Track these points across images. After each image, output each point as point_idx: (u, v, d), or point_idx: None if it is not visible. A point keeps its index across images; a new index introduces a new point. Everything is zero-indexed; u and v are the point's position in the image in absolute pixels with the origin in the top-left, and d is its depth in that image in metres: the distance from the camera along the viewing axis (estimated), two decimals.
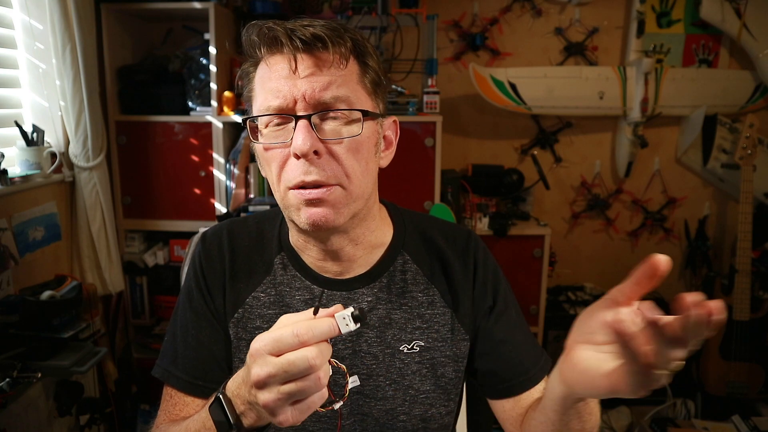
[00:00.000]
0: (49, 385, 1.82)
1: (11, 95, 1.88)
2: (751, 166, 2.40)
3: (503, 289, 0.92)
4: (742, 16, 2.51)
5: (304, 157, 0.74)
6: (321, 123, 0.76)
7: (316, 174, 0.74)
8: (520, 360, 0.89)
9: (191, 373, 0.88)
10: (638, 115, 2.56)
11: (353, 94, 0.77)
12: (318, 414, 0.87)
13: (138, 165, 2.24)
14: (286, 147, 0.76)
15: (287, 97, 0.75)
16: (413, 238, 0.92)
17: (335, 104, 0.75)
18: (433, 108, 2.29)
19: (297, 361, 0.58)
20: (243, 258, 0.91)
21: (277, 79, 0.76)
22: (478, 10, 2.64)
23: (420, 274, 0.90)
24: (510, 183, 2.62)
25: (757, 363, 2.35)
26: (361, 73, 0.79)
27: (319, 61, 0.75)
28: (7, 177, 1.70)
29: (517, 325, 0.92)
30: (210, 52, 2.16)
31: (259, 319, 0.88)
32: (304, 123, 0.74)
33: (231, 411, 0.67)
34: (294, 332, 0.59)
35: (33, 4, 1.83)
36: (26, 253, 1.78)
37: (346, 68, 0.77)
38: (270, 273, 0.90)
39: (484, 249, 0.94)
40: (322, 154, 0.75)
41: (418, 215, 0.98)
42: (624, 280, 0.55)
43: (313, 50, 0.75)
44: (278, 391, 0.59)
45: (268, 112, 0.76)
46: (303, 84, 0.74)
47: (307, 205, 0.76)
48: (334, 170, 0.76)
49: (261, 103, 0.78)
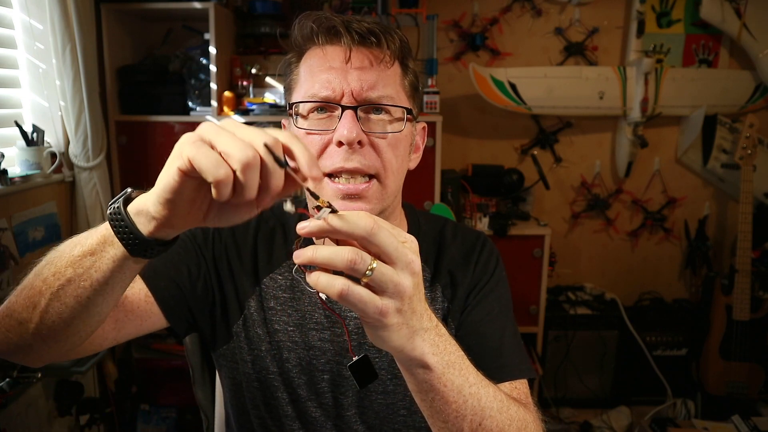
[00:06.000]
0: (49, 385, 1.82)
1: (11, 95, 1.88)
2: (751, 166, 2.39)
3: (492, 290, 0.91)
4: (742, 16, 2.51)
5: (348, 145, 0.75)
6: (366, 116, 0.78)
7: (357, 162, 0.76)
8: (487, 348, 0.84)
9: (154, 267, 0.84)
10: (638, 115, 2.56)
11: (397, 95, 0.80)
12: (319, 402, 0.88)
13: (138, 165, 2.24)
14: (327, 134, 0.77)
15: (336, 90, 0.77)
16: (425, 240, 0.94)
17: (382, 98, 0.78)
18: (433, 108, 2.30)
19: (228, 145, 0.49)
20: (270, 240, 0.92)
21: (329, 69, 0.78)
22: (478, 10, 2.64)
23: (426, 271, 0.91)
24: (510, 183, 2.62)
25: (757, 363, 2.35)
26: (403, 75, 0.83)
27: (371, 56, 0.78)
28: (7, 177, 1.70)
29: (495, 317, 0.88)
30: (210, 52, 2.16)
31: (273, 300, 0.89)
32: (351, 113, 0.76)
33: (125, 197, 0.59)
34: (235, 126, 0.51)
35: (33, 4, 1.82)
36: (26, 253, 1.78)
37: (391, 68, 0.80)
38: (290, 258, 0.91)
39: (490, 250, 0.95)
40: (364, 145, 0.77)
41: (435, 218, 1.00)
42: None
43: (366, 44, 0.78)
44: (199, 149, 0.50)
45: (315, 100, 0.78)
46: (353, 79, 0.77)
47: (343, 198, 0.77)
48: (374, 161, 0.78)
49: (307, 90, 0.79)
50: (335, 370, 0.87)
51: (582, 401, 2.62)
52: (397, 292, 0.52)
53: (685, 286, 2.88)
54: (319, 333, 0.88)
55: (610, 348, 2.56)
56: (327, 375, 0.88)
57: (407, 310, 0.54)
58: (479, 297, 0.90)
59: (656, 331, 2.58)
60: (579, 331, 2.54)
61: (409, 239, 0.55)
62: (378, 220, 0.52)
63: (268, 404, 0.90)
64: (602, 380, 2.61)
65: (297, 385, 0.88)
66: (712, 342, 2.40)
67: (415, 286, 0.54)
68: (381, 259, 0.52)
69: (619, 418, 2.51)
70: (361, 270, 0.50)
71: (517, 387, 0.85)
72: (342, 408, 0.88)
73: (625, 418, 2.52)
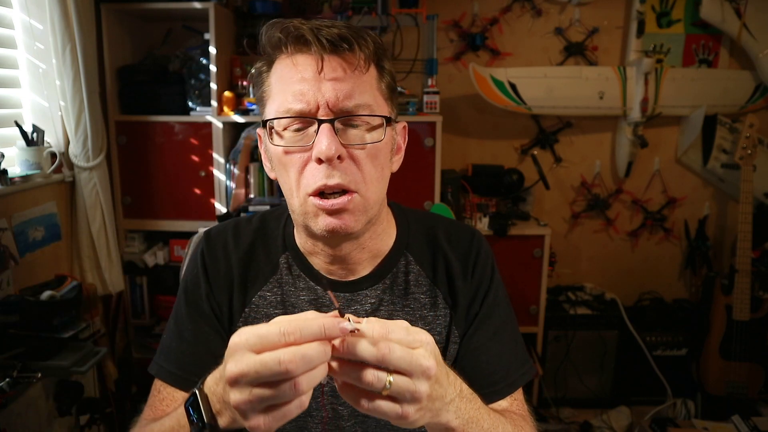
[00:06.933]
0: (49, 385, 1.81)
1: (11, 95, 1.88)
2: (751, 166, 2.39)
3: (492, 295, 0.91)
4: (742, 16, 2.51)
5: (327, 162, 0.73)
6: (344, 128, 0.75)
7: (338, 178, 0.74)
8: (491, 370, 0.87)
9: (183, 367, 0.85)
10: (638, 115, 2.56)
11: (374, 101, 0.77)
12: (320, 417, 0.87)
13: (138, 165, 2.24)
14: (306, 151, 0.75)
15: (310, 102, 0.73)
16: (417, 239, 0.92)
17: (357, 111, 0.75)
18: (433, 108, 2.30)
19: (269, 361, 0.52)
20: (249, 257, 0.90)
21: (301, 81, 0.74)
22: (478, 10, 2.64)
23: (423, 276, 0.89)
24: (510, 183, 2.62)
25: (757, 363, 2.35)
26: (379, 78, 0.79)
27: (344, 63, 0.74)
28: (7, 177, 1.70)
29: (497, 335, 0.89)
30: (210, 52, 2.16)
31: (265, 318, 0.87)
32: (328, 127, 0.73)
33: (206, 408, 0.62)
34: (281, 330, 0.53)
35: (33, 4, 1.83)
36: (26, 253, 1.78)
37: (367, 72, 0.76)
38: (276, 272, 0.89)
39: (485, 251, 0.93)
40: (344, 159, 0.74)
41: (423, 214, 0.97)
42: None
43: (338, 51, 0.74)
44: (250, 393, 0.53)
45: (288, 115, 0.75)
46: (327, 90, 0.73)
47: (327, 214, 0.76)
48: (355, 175, 0.75)
49: (280, 104, 0.76)
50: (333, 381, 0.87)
51: (582, 401, 2.62)
52: (415, 399, 0.57)
53: (685, 286, 2.88)
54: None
55: (610, 348, 2.56)
56: (326, 387, 0.87)
57: (427, 404, 0.58)
58: (482, 314, 0.89)
59: (656, 331, 2.58)
60: (579, 331, 2.54)
61: (424, 341, 0.58)
62: (392, 332, 0.56)
63: None
64: (602, 380, 2.61)
65: None
66: (712, 342, 2.40)
67: (433, 381, 0.58)
68: (398, 372, 0.55)
69: (619, 418, 2.51)
70: (379, 388, 0.55)
71: (516, 398, 0.88)
72: (341, 419, 0.87)
73: (625, 418, 2.52)
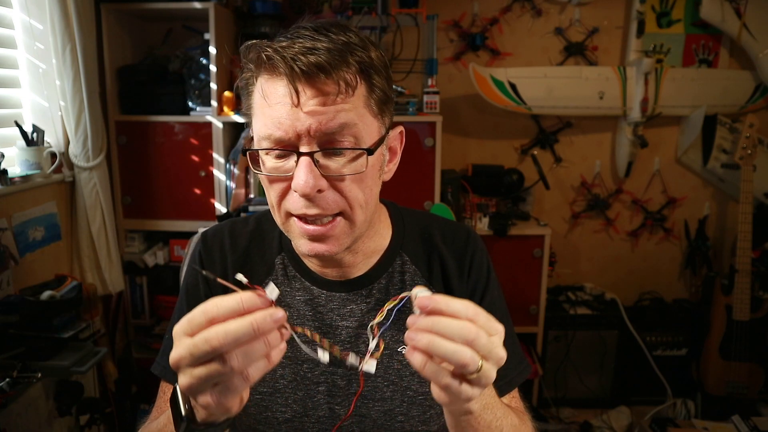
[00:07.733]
0: (49, 385, 1.82)
1: (11, 95, 1.88)
2: (751, 166, 2.39)
3: (489, 295, 0.91)
4: (742, 16, 2.51)
5: (305, 197, 0.72)
6: (325, 159, 0.72)
7: (318, 208, 0.73)
8: None
9: None
10: (638, 115, 2.56)
11: (360, 121, 0.72)
12: (317, 416, 0.87)
13: (138, 165, 2.24)
14: (288, 180, 0.73)
15: (289, 131, 0.70)
16: (412, 238, 0.92)
17: (342, 132, 0.71)
18: (433, 108, 2.30)
19: (198, 342, 0.54)
20: (245, 258, 0.91)
21: (281, 105, 0.70)
22: (478, 10, 2.64)
23: (418, 275, 0.90)
24: (510, 183, 2.62)
25: (756, 363, 2.35)
26: (368, 95, 0.74)
27: (321, 92, 0.69)
28: (7, 177, 1.70)
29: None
30: (210, 52, 2.16)
31: None
32: (307, 161, 0.70)
33: (184, 401, 0.63)
34: (203, 309, 0.55)
35: (33, 4, 1.83)
36: (26, 253, 1.78)
37: (353, 94, 0.71)
38: (271, 273, 0.90)
39: (481, 251, 0.93)
40: (325, 190, 0.72)
41: (418, 214, 0.97)
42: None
43: (315, 81, 0.68)
44: (191, 375, 0.55)
45: (269, 143, 0.72)
46: (306, 119, 0.69)
47: (309, 239, 0.76)
48: (338, 202, 0.74)
49: (261, 128, 0.73)
50: (330, 380, 0.87)
51: (582, 401, 2.62)
52: (486, 385, 0.58)
53: (685, 286, 2.88)
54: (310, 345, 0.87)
55: (610, 348, 2.56)
56: (322, 386, 0.87)
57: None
58: None
59: (656, 331, 2.58)
60: (579, 331, 2.54)
61: (499, 330, 0.59)
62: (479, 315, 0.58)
63: (266, 420, 0.88)
64: (602, 380, 2.61)
65: (293, 400, 0.87)
66: (712, 342, 2.40)
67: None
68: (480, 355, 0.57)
69: (619, 418, 2.51)
70: (472, 370, 0.56)
71: (514, 396, 0.89)
72: (339, 418, 0.87)
73: (625, 418, 2.52)
